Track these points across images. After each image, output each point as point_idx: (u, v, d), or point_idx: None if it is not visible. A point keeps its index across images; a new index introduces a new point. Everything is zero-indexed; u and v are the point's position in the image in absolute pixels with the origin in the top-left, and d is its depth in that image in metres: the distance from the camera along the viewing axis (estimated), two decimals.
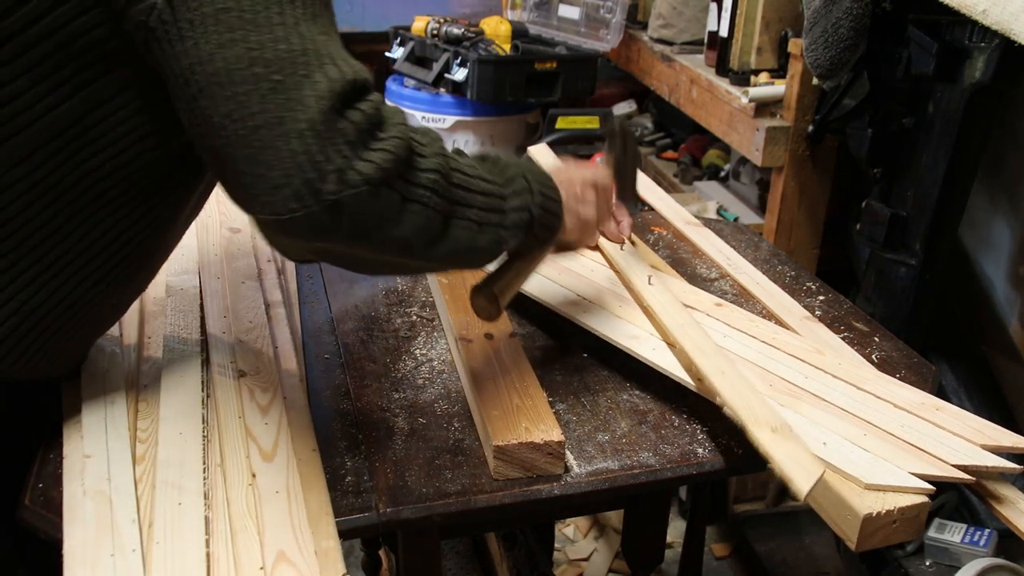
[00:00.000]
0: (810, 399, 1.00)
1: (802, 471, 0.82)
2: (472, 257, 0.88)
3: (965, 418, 0.99)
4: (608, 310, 1.15)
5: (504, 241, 0.89)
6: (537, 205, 0.92)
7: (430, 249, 0.82)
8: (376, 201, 0.75)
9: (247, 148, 0.72)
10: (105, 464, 0.88)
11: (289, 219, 0.73)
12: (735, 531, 2.15)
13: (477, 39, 2.54)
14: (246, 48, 0.72)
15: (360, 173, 0.73)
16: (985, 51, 1.51)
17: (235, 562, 0.78)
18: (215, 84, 0.72)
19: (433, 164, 0.80)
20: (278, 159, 0.72)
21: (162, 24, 0.72)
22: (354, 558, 1.78)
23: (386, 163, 0.74)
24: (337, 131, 0.73)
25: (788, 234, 2.03)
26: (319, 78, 0.73)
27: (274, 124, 0.72)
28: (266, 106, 0.72)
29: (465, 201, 0.84)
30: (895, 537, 0.85)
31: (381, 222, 0.77)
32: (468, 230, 0.84)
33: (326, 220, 0.74)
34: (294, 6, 0.74)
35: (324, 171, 0.72)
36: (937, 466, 0.89)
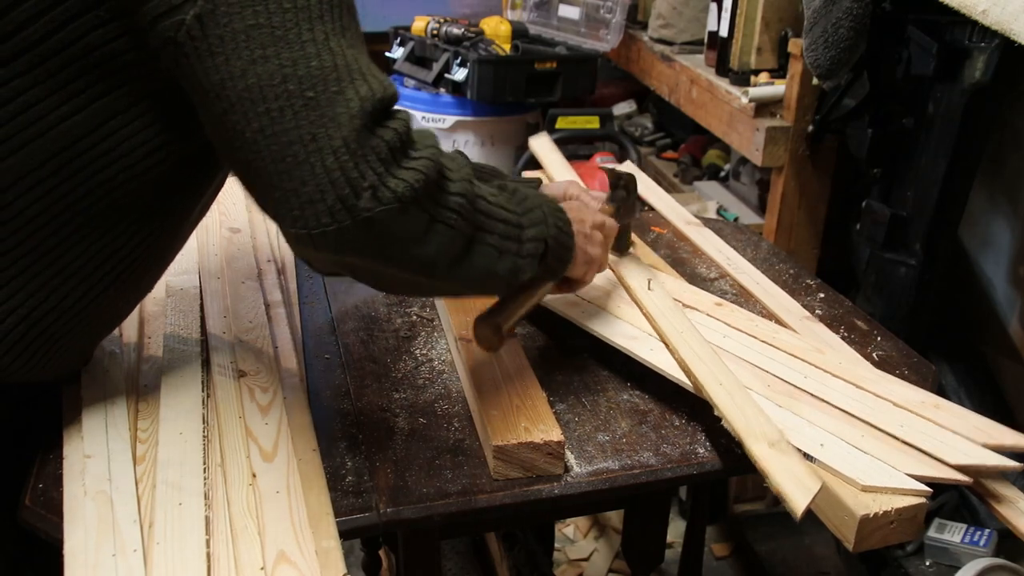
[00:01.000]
0: (808, 399, 1.00)
1: (799, 488, 0.82)
2: (490, 282, 0.90)
3: (966, 416, 0.99)
4: (607, 310, 1.15)
5: (520, 270, 0.90)
6: (552, 237, 0.94)
7: (452, 270, 0.83)
8: (405, 219, 0.76)
9: (281, 163, 0.73)
10: (105, 464, 0.88)
11: (320, 233, 0.74)
12: (735, 531, 2.15)
13: (477, 39, 2.54)
14: (278, 65, 0.72)
15: (392, 190, 0.74)
16: (985, 51, 1.51)
17: (235, 562, 0.78)
18: (247, 100, 0.73)
19: (460, 188, 0.81)
20: (312, 175, 0.73)
21: (191, 40, 0.73)
22: (354, 558, 1.78)
23: (417, 182, 0.75)
24: (370, 148, 0.74)
25: (788, 234, 2.03)
26: (351, 95, 0.74)
27: (308, 140, 0.73)
28: (300, 123, 0.72)
29: (487, 227, 0.85)
30: (893, 538, 0.85)
31: (408, 240, 0.78)
32: (489, 256, 0.86)
33: (357, 236, 0.75)
34: (323, 21, 0.75)
35: (359, 187, 0.73)
36: (935, 467, 0.89)
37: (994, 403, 1.87)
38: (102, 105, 0.79)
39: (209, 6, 0.72)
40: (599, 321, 1.13)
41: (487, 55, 2.49)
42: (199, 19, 0.72)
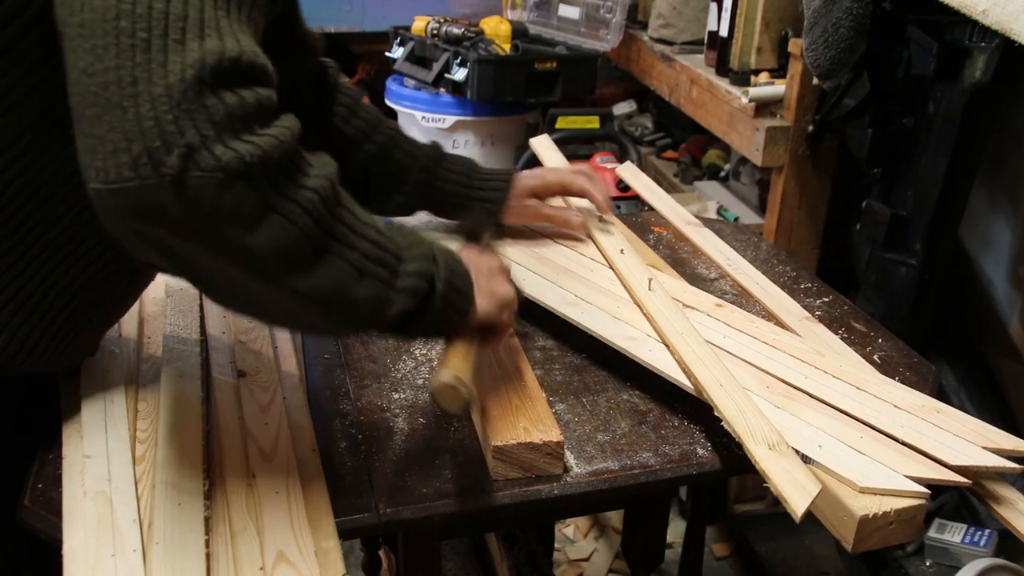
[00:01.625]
0: (808, 400, 1.00)
1: (798, 490, 0.82)
2: (344, 306, 0.77)
3: (965, 420, 0.98)
4: (606, 311, 1.15)
5: (389, 302, 0.79)
6: (443, 280, 0.84)
7: (291, 277, 0.73)
8: (227, 194, 0.67)
9: (94, 106, 0.66)
10: (105, 464, 0.88)
11: (120, 189, 0.65)
12: (735, 531, 2.15)
13: (477, 39, 2.55)
14: (115, 1, 0.66)
15: (216, 157, 0.66)
16: (985, 51, 1.51)
17: (235, 562, 0.78)
18: (79, 36, 0.67)
19: (315, 184, 0.72)
20: (122, 121, 0.65)
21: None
22: (354, 558, 1.78)
23: (251, 156, 0.67)
24: (200, 105, 0.66)
25: (788, 234, 2.03)
26: (193, 46, 0.66)
27: (127, 84, 0.65)
28: (122, 62, 0.65)
29: (347, 240, 0.75)
30: (893, 538, 0.85)
31: (230, 220, 0.68)
32: (344, 272, 0.75)
33: (163, 198, 0.65)
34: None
35: (172, 143, 0.65)
36: (934, 469, 0.89)
37: (994, 403, 1.87)
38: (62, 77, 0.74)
39: None
40: (598, 321, 1.12)
41: (487, 55, 2.49)
42: None
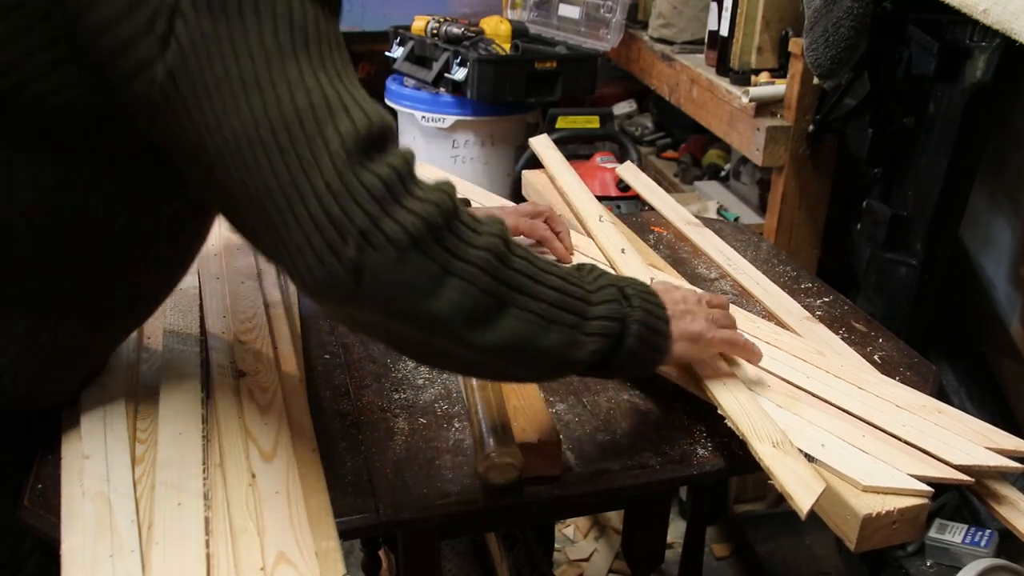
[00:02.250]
0: (810, 400, 1.00)
1: (803, 488, 0.81)
2: (535, 355, 0.78)
3: (966, 420, 0.98)
4: None
5: (580, 347, 0.79)
6: (637, 320, 0.84)
7: (475, 334, 0.74)
8: (405, 268, 0.69)
9: (264, 214, 0.69)
10: (104, 465, 0.88)
11: (314, 282, 0.70)
12: (735, 531, 2.15)
13: (477, 39, 2.54)
14: (249, 112, 0.68)
15: (387, 234, 0.68)
16: (986, 51, 1.50)
17: (235, 563, 0.78)
18: (226, 154, 0.69)
19: (486, 242, 0.73)
20: (296, 222, 0.68)
21: (165, 98, 0.69)
22: (354, 558, 1.78)
23: (415, 228, 0.69)
24: (360, 186, 0.68)
25: (788, 234, 2.03)
26: (331, 134, 0.69)
27: (289, 187, 0.68)
28: (277, 170, 0.68)
29: (528, 290, 0.76)
30: (895, 538, 0.85)
31: (412, 292, 0.71)
32: (530, 323, 0.76)
33: (350, 284, 0.69)
34: (297, 58, 0.69)
35: (346, 231, 0.68)
36: (937, 467, 0.89)
37: (994, 403, 1.87)
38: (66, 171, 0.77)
39: (178, 59, 0.68)
40: None
41: (487, 55, 2.48)
42: (171, 75, 0.68)
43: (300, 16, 0.70)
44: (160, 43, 0.68)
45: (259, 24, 0.68)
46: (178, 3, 0.67)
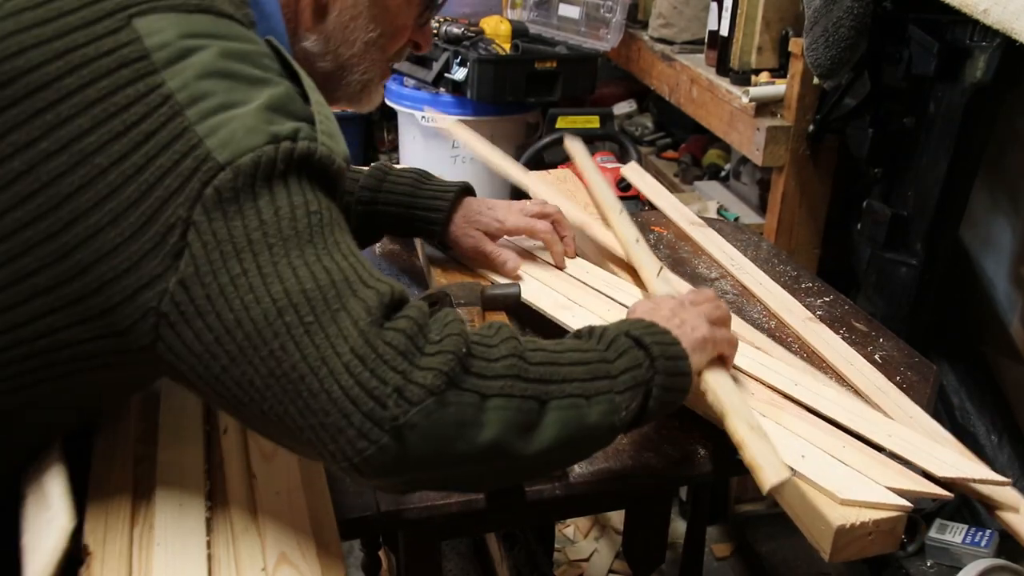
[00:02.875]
0: (793, 409, 0.98)
1: (771, 467, 0.80)
2: (587, 437, 0.77)
3: (952, 445, 0.97)
4: (597, 315, 1.14)
5: (619, 409, 0.78)
6: (657, 357, 0.82)
7: (530, 443, 0.73)
8: (447, 411, 0.68)
9: (299, 400, 0.67)
10: (106, 466, 0.88)
11: (363, 461, 0.67)
12: (736, 531, 2.15)
13: (477, 38, 2.54)
14: (271, 301, 0.67)
15: (421, 385, 0.67)
16: (986, 50, 1.50)
17: (236, 564, 0.78)
18: (249, 349, 0.68)
19: (505, 350, 0.73)
20: (332, 402, 0.67)
21: (176, 307, 0.68)
22: (354, 558, 1.78)
23: (446, 366, 0.69)
24: (385, 346, 0.68)
25: (789, 234, 2.03)
26: (353, 305, 0.68)
27: (318, 367, 0.67)
28: (306, 352, 0.67)
29: (559, 377, 0.75)
30: (871, 549, 0.83)
31: (462, 431, 0.69)
32: (573, 408, 0.75)
33: (400, 448, 0.67)
34: (314, 244, 0.70)
35: (382, 396, 0.66)
36: (917, 481, 0.88)
37: (994, 403, 1.87)
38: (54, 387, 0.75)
39: (191, 269, 0.67)
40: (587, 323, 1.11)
41: (487, 54, 2.49)
42: (182, 284, 0.67)
43: (314, 204, 0.71)
44: (173, 256, 0.68)
45: (276, 215, 0.69)
46: (191, 215, 0.67)
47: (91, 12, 0.70)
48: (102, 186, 0.68)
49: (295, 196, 0.70)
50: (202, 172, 0.68)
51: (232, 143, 0.68)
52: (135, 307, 0.69)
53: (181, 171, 0.68)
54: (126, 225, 0.68)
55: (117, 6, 0.71)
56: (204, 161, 0.68)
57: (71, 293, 0.69)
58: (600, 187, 1.48)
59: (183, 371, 0.71)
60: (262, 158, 0.69)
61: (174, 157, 0.68)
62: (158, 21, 0.71)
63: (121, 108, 0.68)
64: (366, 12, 0.95)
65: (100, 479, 0.86)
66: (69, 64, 0.68)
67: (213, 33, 0.73)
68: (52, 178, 0.68)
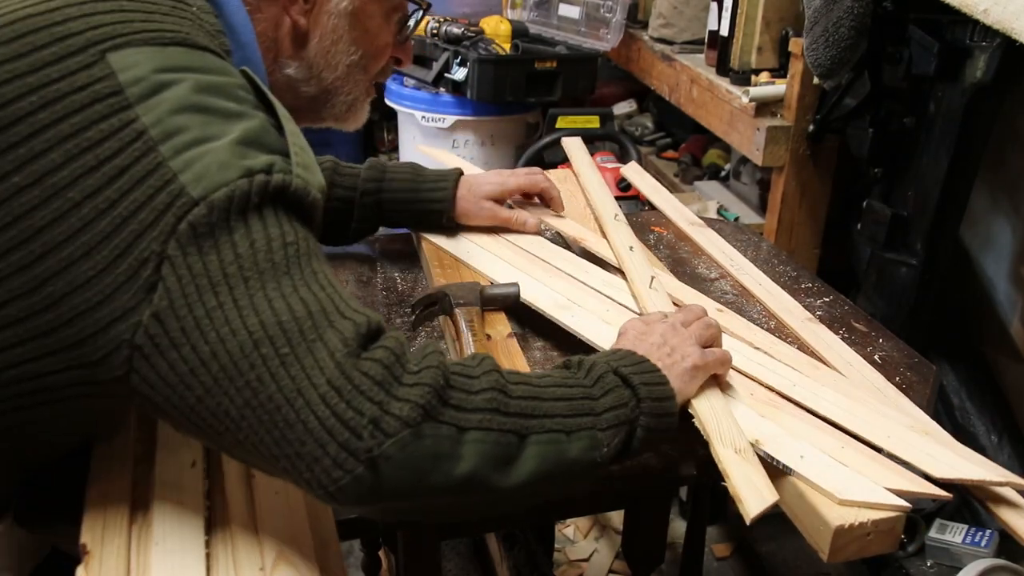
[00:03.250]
0: (792, 410, 0.98)
1: (755, 495, 0.81)
2: (566, 472, 0.77)
3: (953, 446, 0.96)
4: (596, 314, 1.14)
5: (600, 445, 0.78)
6: (643, 398, 0.82)
7: (507, 476, 0.73)
8: (422, 443, 0.69)
9: (275, 430, 0.68)
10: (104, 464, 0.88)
11: (338, 489, 0.68)
12: (736, 531, 2.15)
13: (477, 38, 2.54)
14: (247, 334, 0.67)
15: (396, 417, 0.68)
16: (986, 50, 1.50)
17: (235, 563, 0.78)
18: (225, 380, 0.68)
19: (486, 383, 0.73)
20: (307, 432, 0.67)
21: (150, 339, 0.68)
22: (354, 558, 1.78)
23: (423, 398, 0.69)
24: (361, 376, 0.68)
25: (789, 234, 2.03)
26: (330, 336, 0.69)
27: (294, 398, 0.67)
28: (282, 383, 0.67)
29: (539, 412, 0.75)
30: (870, 549, 0.83)
31: (438, 463, 0.70)
32: (552, 443, 0.75)
33: (374, 479, 0.68)
34: (290, 275, 0.70)
35: (357, 427, 0.67)
36: (916, 482, 0.87)
37: (994, 403, 1.87)
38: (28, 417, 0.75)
39: (164, 303, 0.67)
40: (588, 325, 1.11)
41: (487, 54, 2.49)
42: (156, 317, 0.68)
43: (291, 236, 0.71)
44: (146, 289, 0.68)
45: (252, 248, 0.69)
46: (165, 249, 0.68)
47: (64, 47, 0.70)
48: (75, 219, 0.68)
49: (271, 228, 0.71)
50: (176, 207, 0.68)
51: (206, 178, 0.69)
52: (108, 339, 0.69)
53: (155, 205, 0.68)
54: (99, 258, 0.68)
55: (90, 41, 0.71)
56: (178, 196, 0.68)
57: (42, 324, 0.69)
58: (596, 190, 1.47)
59: (157, 402, 0.71)
60: (236, 192, 0.69)
61: (148, 192, 0.68)
62: (132, 55, 0.71)
63: (95, 143, 0.68)
64: (346, 35, 0.96)
65: (99, 478, 0.86)
66: (43, 99, 0.68)
67: (187, 66, 0.73)
68: (25, 211, 0.68)
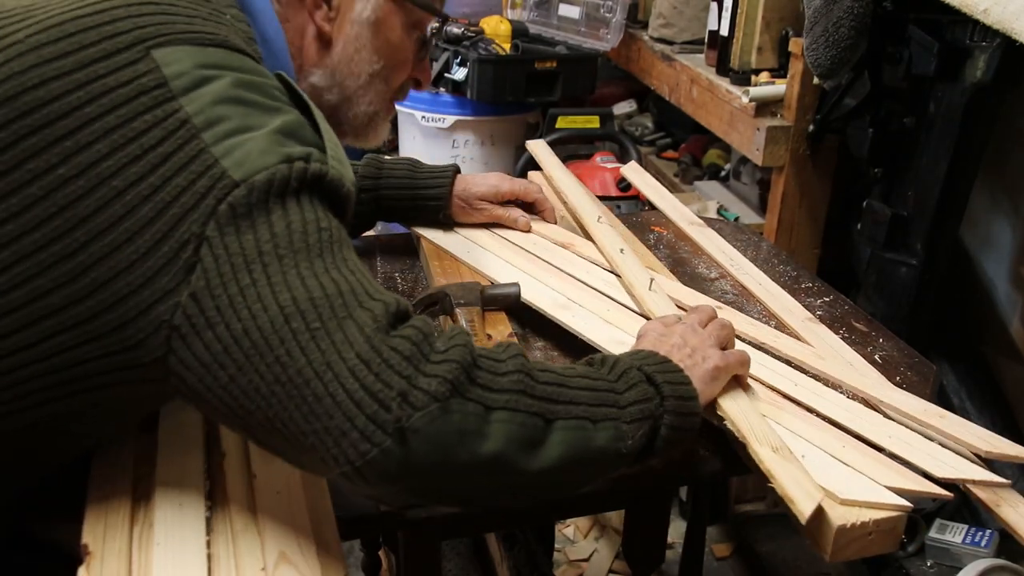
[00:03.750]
0: (793, 409, 0.98)
1: (804, 493, 0.81)
2: (592, 461, 0.77)
3: (967, 426, 0.97)
4: (597, 314, 1.14)
5: (625, 437, 0.78)
6: (667, 396, 0.82)
7: (533, 459, 0.73)
8: (450, 418, 0.69)
9: (304, 405, 0.68)
10: (106, 465, 0.88)
11: (365, 464, 0.68)
12: (736, 531, 2.15)
13: (477, 38, 2.54)
14: (279, 309, 0.69)
15: (425, 391, 0.69)
16: (986, 50, 1.50)
17: (236, 563, 0.78)
18: (256, 355, 0.69)
19: (512, 366, 0.74)
20: (336, 405, 0.68)
21: (187, 319, 0.70)
22: (354, 558, 1.78)
23: (451, 374, 0.70)
24: (391, 351, 0.69)
25: (789, 234, 2.03)
26: (360, 314, 0.70)
27: (323, 371, 0.68)
28: (311, 356, 0.68)
29: (566, 398, 0.76)
30: (871, 549, 0.83)
31: (463, 439, 0.70)
32: (579, 429, 0.76)
33: (402, 452, 0.68)
34: (323, 257, 0.72)
35: (386, 399, 0.68)
36: (917, 481, 0.88)
37: (995, 403, 1.87)
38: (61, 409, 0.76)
39: (201, 283, 0.69)
40: (589, 325, 1.11)
41: (487, 54, 2.49)
42: (194, 297, 0.69)
43: (324, 222, 0.74)
44: (186, 270, 0.70)
45: (288, 229, 0.71)
46: (204, 230, 0.70)
47: (111, 44, 0.73)
48: (119, 207, 0.70)
49: (307, 213, 0.73)
50: (217, 189, 0.70)
51: (247, 162, 0.71)
52: (148, 321, 0.71)
53: (197, 189, 0.70)
54: (141, 243, 0.70)
55: (136, 39, 0.73)
56: (219, 179, 0.70)
57: (84, 311, 0.71)
58: (574, 193, 1.47)
59: (192, 383, 0.72)
60: (276, 176, 0.71)
61: (190, 177, 0.70)
62: (175, 52, 0.74)
63: (139, 133, 0.71)
64: (369, 44, 1.00)
65: (100, 478, 0.86)
66: (89, 94, 0.71)
67: (227, 65, 0.76)
68: (69, 202, 0.70)
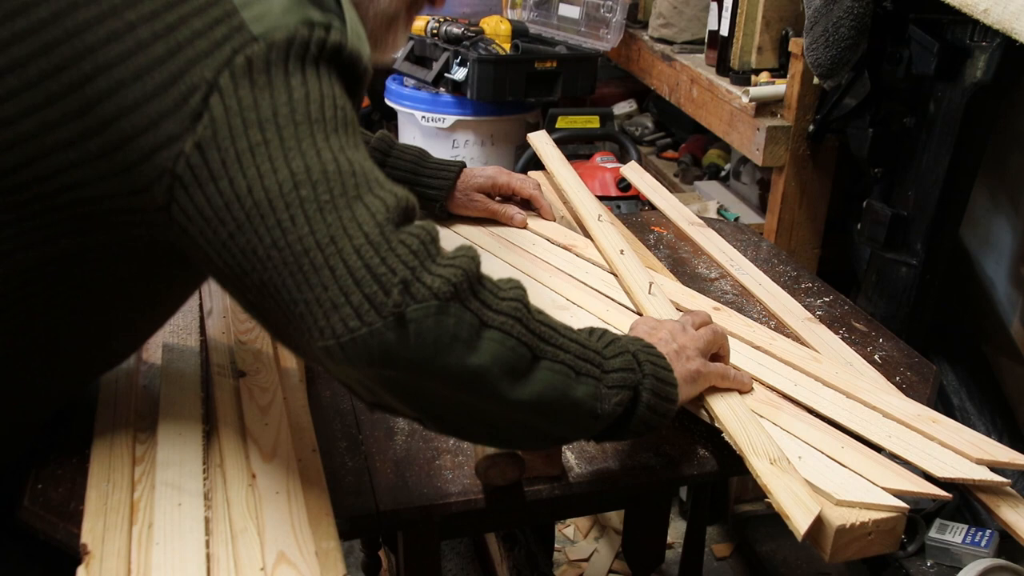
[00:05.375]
0: (792, 409, 0.98)
1: (800, 508, 0.80)
2: (567, 408, 0.77)
3: (961, 432, 0.96)
4: (596, 315, 1.14)
5: (602, 399, 0.79)
6: (648, 374, 0.83)
7: (514, 388, 0.73)
8: (446, 320, 0.68)
9: (299, 273, 0.67)
10: (107, 465, 0.88)
11: (350, 340, 0.67)
12: (736, 531, 2.15)
13: (477, 38, 2.54)
14: (289, 173, 0.67)
15: (428, 286, 0.68)
16: (986, 50, 1.50)
17: (235, 563, 0.78)
18: (257, 216, 0.68)
19: (515, 294, 0.74)
20: (333, 278, 0.67)
21: (190, 169, 0.68)
22: (354, 558, 1.78)
23: (455, 278, 0.69)
24: (400, 243, 0.68)
25: (789, 234, 2.03)
26: (371, 199, 0.69)
27: (326, 244, 0.67)
28: (315, 227, 0.67)
29: (556, 342, 0.76)
30: (871, 549, 0.83)
31: (454, 344, 0.69)
32: (563, 374, 0.76)
33: (391, 338, 0.67)
34: (339, 135, 0.70)
35: (388, 283, 0.67)
36: (915, 482, 0.87)
37: (995, 403, 1.87)
38: (69, 249, 0.75)
39: (208, 132, 0.68)
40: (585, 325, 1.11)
41: (487, 54, 2.48)
42: (198, 147, 0.68)
43: (341, 100, 0.72)
44: (192, 117, 0.68)
45: (306, 98, 0.69)
46: (217, 79, 0.68)
47: None
48: (130, 41, 0.68)
49: (324, 87, 0.71)
50: (235, 40, 0.68)
51: (268, 17, 0.69)
52: (151, 166, 0.69)
53: (213, 35, 0.69)
54: (150, 82, 0.68)
55: None
56: (238, 30, 0.69)
57: (93, 148, 0.70)
58: (575, 190, 1.47)
59: (193, 235, 0.71)
60: (296, 37, 0.69)
61: (208, 21, 0.69)
62: None
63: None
64: None
65: (99, 478, 0.86)
66: None
67: None
68: (79, 30, 0.68)
